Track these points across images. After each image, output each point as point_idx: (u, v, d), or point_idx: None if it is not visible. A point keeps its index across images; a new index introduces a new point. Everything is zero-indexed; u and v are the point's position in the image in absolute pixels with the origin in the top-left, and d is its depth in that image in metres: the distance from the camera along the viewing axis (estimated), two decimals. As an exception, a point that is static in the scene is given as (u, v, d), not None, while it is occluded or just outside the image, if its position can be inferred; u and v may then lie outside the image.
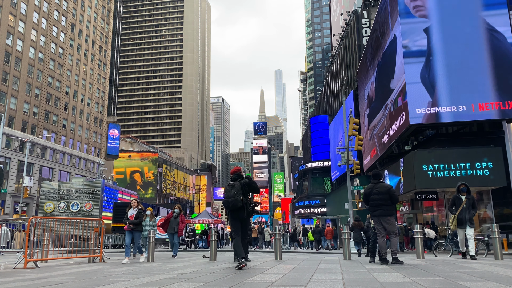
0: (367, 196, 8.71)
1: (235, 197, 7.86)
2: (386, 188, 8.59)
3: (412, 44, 22.85)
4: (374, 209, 8.54)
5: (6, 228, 21.64)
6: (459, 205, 10.40)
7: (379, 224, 8.52)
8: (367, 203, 8.83)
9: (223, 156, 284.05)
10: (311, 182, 59.93)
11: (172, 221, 13.97)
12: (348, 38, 50.53)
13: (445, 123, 22.62)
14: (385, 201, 8.41)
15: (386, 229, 8.45)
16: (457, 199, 10.52)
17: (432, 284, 4.92)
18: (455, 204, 10.55)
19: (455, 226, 10.43)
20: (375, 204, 8.49)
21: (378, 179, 8.79)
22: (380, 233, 8.51)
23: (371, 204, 8.62)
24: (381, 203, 8.42)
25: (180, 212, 14.28)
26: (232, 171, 8.61)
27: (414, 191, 22.10)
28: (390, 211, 8.51)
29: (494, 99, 20.77)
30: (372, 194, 8.58)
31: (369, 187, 8.75)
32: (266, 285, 5.03)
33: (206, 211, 42.68)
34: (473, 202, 10.43)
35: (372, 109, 32.27)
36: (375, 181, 8.75)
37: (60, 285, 5.56)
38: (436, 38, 22.26)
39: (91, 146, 69.47)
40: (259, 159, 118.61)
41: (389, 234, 8.49)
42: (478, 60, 21.44)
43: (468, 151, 20.76)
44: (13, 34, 52.05)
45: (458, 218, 10.34)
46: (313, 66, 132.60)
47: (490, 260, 9.80)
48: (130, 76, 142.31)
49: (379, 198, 8.44)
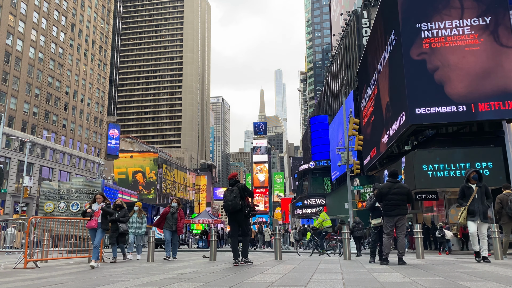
0: (384, 195, 8.44)
1: (234, 200, 8.48)
2: (406, 189, 8.53)
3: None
4: (391, 209, 8.32)
5: (13, 229, 21.78)
6: (469, 195, 8.78)
7: (391, 223, 8.38)
8: (380, 201, 8.60)
9: (223, 156, 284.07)
10: (311, 182, 59.92)
11: (169, 218, 11.76)
12: (348, 38, 50.52)
13: (445, 123, 22.63)
14: (404, 201, 8.35)
15: (398, 229, 8.40)
16: (467, 188, 8.88)
17: (432, 284, 4.92)
18: (465, 195, 8.89)
19: (464, 218, 8.70)
20: (393, 204, 8.31)
21: (396, 178, 8.63)
22: (388, 233, 8.42)
23: (387, 203, 8.39)
24: (400, 203, 8.31)
25: (179, 207, 12.07)
26: (230, 177, 9.10)
27: (414, 191, 22.09)
28: (405, 210, 8.46)
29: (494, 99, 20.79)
30: (390, 194, 8.37)
31: (387, 186, 8.50)
32: (266, 285, 5.03)
33: (206, 211, 42.71)
34: (486, 190, 8.85)
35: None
36: (393, 180, 8.56)
37: (60, 285, 5.55)
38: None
39: (91, 146, 69.46)
40: (259, 159, 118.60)
41: (399, 234, 8.45)
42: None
43: (468, 151, 20.75)
44: (13, 34, 52.05)
45: (469, 209, 8.65)
46: (313, 66, 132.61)
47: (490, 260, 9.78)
48: (130, 76, 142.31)
49: (398, 198, 8.31)
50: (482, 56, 21.60)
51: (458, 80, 21.65)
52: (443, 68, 21.95)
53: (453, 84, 21.62)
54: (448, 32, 22.22)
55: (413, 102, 21.87)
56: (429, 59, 22.23)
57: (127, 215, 11.18)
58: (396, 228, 8.44)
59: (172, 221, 11.70)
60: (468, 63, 21.69)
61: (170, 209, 11.82)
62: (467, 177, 8.93)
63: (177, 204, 11.99)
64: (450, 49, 22.03)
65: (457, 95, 21.42)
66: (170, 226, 11.67)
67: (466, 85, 21.46)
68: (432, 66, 22.12)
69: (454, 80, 21.69)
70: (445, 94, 21.55)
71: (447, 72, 21.88)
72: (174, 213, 11.79)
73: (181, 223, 11.83)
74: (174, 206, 11.91)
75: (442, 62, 22.00)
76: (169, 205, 12.02)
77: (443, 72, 21.92)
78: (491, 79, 21.17)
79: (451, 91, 21.56)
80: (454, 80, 21.67)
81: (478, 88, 21.29)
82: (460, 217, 8.77)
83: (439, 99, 21.53)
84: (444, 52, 22.09)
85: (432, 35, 22.39)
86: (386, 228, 8.50)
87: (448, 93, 21.55)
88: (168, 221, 11.66)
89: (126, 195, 44.94)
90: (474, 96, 21.14)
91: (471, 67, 21.59)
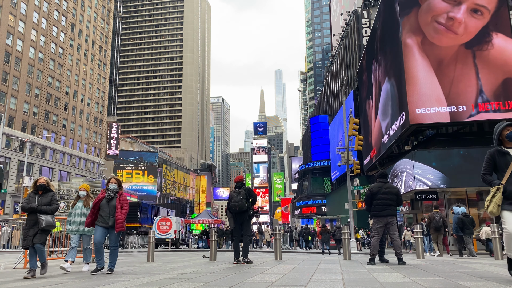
0: (374, 195, 8.47)
1: (241, 202, 8.90)
2: (396, 189, 8.61)
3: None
4: (381, 209, 8.36)
5: (9, 228, 21.76)
6: (505, 166, 4.90)
7: (380, 224, 8.40)
8: (370, 202, 8.59)
9: (223, 156, 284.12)
10: (311, 182, 59.93)
11: (104, 206, 7.48)
12: (348, 38, 50.53)
13: (445, 123, 22.62)
14: (393, 201, 8.38)
15: (388, 230, 8.41)
16: (500, 155, 5.02)
17: (432, 284, 4.92)
18: (497, 165, 5.02)
19: (497, 206, 4.75)
20: (383, 204, 8.35)
21: (385, 179, 8.71)
22: (377, 233, 8.45)
23: (377, 203, 8.41)
24: (390, 203, 8.35)
25: (120, 190, 7.75)
26: (236, 180, 9.54)
27: (414, 191, 22.10)
28: (395, 211, 8.54)
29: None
30: (380, 193, 8.40)
31: (378, 186, 8.53)
32: (266, 285, 5.03)
33: (206, 211, 42.73)
34: None
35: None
36: (383, 181, 8.62)
37: (60, 285, 5.55)
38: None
39: (91, 146, 69.47)
40: (259, 159, 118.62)
41: (392, 234, 8.45)
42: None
43: (468, 151, 20.76)
44: (13, 34, 52.05)
45: (506, 190, 4.76)
46: (313, 66, 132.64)
47: (490, 260, 9.79)
48: (130, 76, 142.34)
49: (388, 198, 8.35)
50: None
51: (458, 80, 21.65)
52: (443, 68, 21.95)
53: (454, 84, 21.62)
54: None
55: (413, 102, 21.88)
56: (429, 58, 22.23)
57: (55, 202, 7.28)
58: (388, 229, 8.44)
59: (108, 211, 7.42)
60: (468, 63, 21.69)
61: (106, 194, 7.55)
62: (498, 135, 5.12)
63: (117, 185, 7.72)
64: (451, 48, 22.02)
65: (457, 94, 21.42)
66: (104, 219, 7.39)
67: (466, 84, 21.46)
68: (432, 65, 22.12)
69: (454, 80, 21.69)
70: (445, 94, 21.56)
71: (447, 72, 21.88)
72: (111, 200, 7.52)
73: (122, 213, 7.42)
74: (112, 189, 7.63)
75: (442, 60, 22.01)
76: (105, 187, 7.74)
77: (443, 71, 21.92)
78: (491, 79, 21.18)
79: (451, 90, 21.56)
80: (454, 80, 21.67)
81: (478, 88, 21.29)
82: (490, 204, 4.81)
83: (439, 99, 21.53)
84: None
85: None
86: (374, 229, 8.53)
87: (448, 93, 21.56)
88: (102, 213, 7.44)
89: (126, 195, 44.81)
90: (475, 96, 21.15)
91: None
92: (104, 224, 7.38)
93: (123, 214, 7.42)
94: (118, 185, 7.73)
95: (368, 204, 8.71)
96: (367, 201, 8.71)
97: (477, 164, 20.04)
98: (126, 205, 7.62)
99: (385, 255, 9.43)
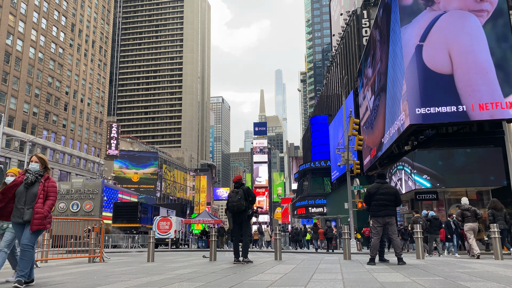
0: (372, 195, 8.49)
1: (240, 202, 8.93)
2: (394, 189, 8.57)
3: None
4: (379, 209, 8.37)
5: None
6: None
7: (379, 224, 8.41)
8: (369, 202, 8.61)
9: (223, 156, 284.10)
10: (311, 182, 59.93)
11: (21, 195, 5.47)
12: (348, 38, 50.54)
13: (445, 123, 22.62)
14: (391, 202, 8.37)
15: (388, 230, 8.41)
16: None
17: (432, 284, 4.92)
18: None
19: None
20: (381, 204, 8.36)
21: (384, 179, 8.71)
22: (377, 234, 8.45)
23: (376, 204, 8.43)
24: (387, 204, 8.34)
25: (46, 172, 5.67)
26: (235, 180, 9.58)
27: (414, 191, 22.10)
28: (394, 211, 8.49)
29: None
30: (378, 194, 8.42)
31: (375, 187, 8.56)
32: (266, 285, 5.03)
33: (206, 211, 42.73)
34: None
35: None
36: (381, 181, 8.63)
37: (60, 285, 5.55)
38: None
39: (91, 146, 69.47)
40: (259, 159, 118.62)
41: (391, 235, 8.45)
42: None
43: (467, 151, 20.76)
44: (13, 34, 52.05)
45: None
46: (313, 66, 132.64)
47: (490, 260, 9.80)
48: (130, 76, 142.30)
49: (386, 198, 8.35)
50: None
51: (458, 80, 21.65)
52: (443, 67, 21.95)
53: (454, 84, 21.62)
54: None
55: (413, 102, 21.87)
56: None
57: None
58: (386, 229, 8.43)
59: (25, 201, 5.44)
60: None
61: (25, 178, 5.55)
62: None
63: (38, 166, 5.66)
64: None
65: (457, 94, 21.41)
66: (20, 213, 5.39)
67: (466, 84, 21.46)
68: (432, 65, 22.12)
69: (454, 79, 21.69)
70: (445, 94, 21.55)
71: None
72: (32, 185, 5.51)
73: (45, 206, 5.43)
74: (33, 169, 5.63)
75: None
76: (24, 169, 5.78)
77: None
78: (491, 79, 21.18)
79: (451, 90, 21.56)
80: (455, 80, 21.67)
81: (478, 87, 21.29)
82: None
83: (439, 99, 21.53)
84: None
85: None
86: (374, 229, 8.53)
87: (447, 93, 21.55)
88: (18, 204, 5.45)
89: (126, 195, 44.91)
90: (475, 95, 21.14)
91: (471, 66, 21.59)
92: (19, 220, 5.33)
93: (46, 206, 5.38)
94: (44, 166, 5.67)
95: (368, 204, 8.72)
96: (366, 202, 8.75)
97: (477, 164, 20.07)
98: (53, 194, 5.54)
99: (385, 255, 9.43)
